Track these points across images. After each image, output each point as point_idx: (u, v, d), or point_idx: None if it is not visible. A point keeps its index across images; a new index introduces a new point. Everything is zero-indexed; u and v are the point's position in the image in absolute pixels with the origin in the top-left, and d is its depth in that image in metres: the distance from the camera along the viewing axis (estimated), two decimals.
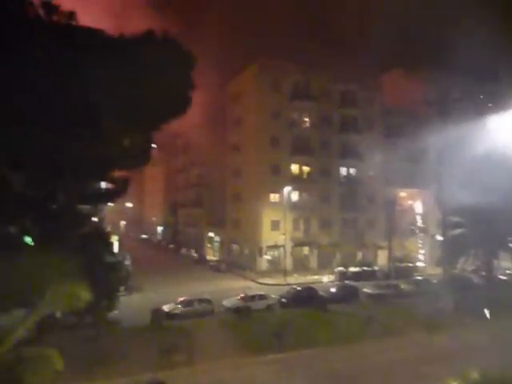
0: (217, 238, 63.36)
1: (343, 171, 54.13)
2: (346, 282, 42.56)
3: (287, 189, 48.07)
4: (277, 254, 49.83)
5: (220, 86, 59.57)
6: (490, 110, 35.56)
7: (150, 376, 19.50)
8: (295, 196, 50.67)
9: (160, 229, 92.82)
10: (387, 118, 55.05)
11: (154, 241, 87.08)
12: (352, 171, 54.33)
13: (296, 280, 43.89)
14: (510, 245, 36.68)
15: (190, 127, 58.44)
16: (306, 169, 51.99)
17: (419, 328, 26.88)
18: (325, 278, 45.69)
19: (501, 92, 35.91)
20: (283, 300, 33.93)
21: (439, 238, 44.01)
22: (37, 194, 18.03)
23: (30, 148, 16.43)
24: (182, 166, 78.50)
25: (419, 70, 55.59)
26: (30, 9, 16.38)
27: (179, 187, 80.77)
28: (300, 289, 35.67)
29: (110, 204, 33.43)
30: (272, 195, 49.73)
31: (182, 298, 31.53)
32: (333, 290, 36.92)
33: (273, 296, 33.98)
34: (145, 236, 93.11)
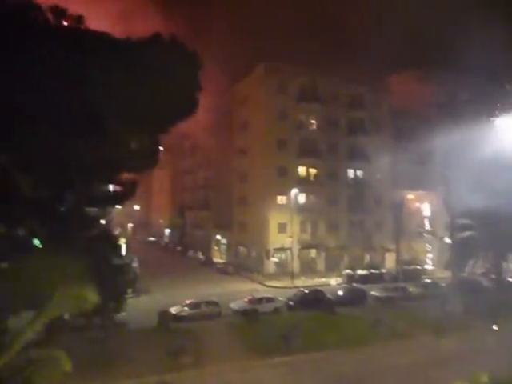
0: (224, 241, 63.37)
1: (351, 173, 53.92)
2: (354, 284, 42.44)
3: (294, 191, 47.97)
4: (284, 257, 49.70)
5: (227, 88, 59.79)
6: (499, 111, 35.27)
7: (157, 378, 19.55)
8: (302, 198, 50.55)
9: (167, 231, 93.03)
10: (395, 120, 54.76)
11: (162, 243, 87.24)
12: (359, 173, 54.12)
13: (303, 283, 43.75)
14: None
15: (197, 130, 58.73)
16: (313, 171, 51.85)
17: (427, 331, 26.67)
18: (332, 281, 45.53)
19: (510, 93, 35.63)
20: (290, 303, 33.87)
21: (447, 240, 43.71)
22: (45, 196, 18.14)
23: (38, 150, 16.56)
24: (190, 169, 78.70)
25: (427, 71, 55.36)
26: (39, 13, 16.54)
27: (186, 190, 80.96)
28: (307, 291, 35.59)
29: (117, 206, 33.63)
30: (279, 197, 49.64)
31: (189, 301, 31.59)
32: (340, 292, 36.77)
33: (280, 299, 33.93)
34: (152, 238, 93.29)
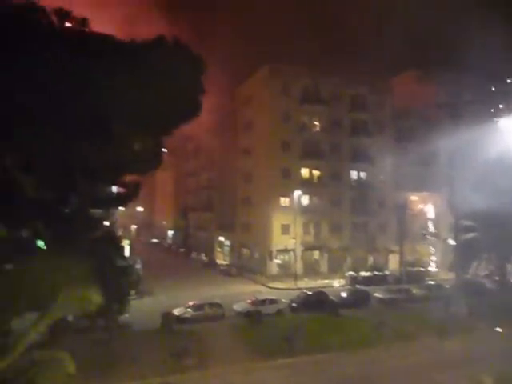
0: (227, 242, 63.36)
1: (354, 175, 53.77)
2: (357, 286, 42.32)
3: (297, 193, 47.94)
4: (287, 258, 49.66)
5: (230, 90, 59.88)
6: (502, 111, 35.20)
7: (161, 380, 19.57)
8: (305, 200, 50.46)
9: (170, 233, 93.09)
10: (398, 121, 54.63)
11: (165, 245, 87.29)
12: (362, 175, 53.97)
13: (306, 284, 43.66)
14: None
15: (200, 131, 58.82)
16: (316, 173, 51.80)
17: (431, 333, 26.58)
18: (335, 283, 45.44)
19: None
20: (293, 304, 33.82)
21: (451, 242, 43.60)
22: (49, 197, 18.18)
23: (42, 152, 16.63)
24: (193, 170, 78.76)
25: (430, 72, 55.30)
26: (43, 15, 16.61)
27: (190, 191, 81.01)
28: (310, 293, 35.52)
29: (121, 208, 33.68)
30: (282, 199, 49.63)
31: (193, 302, 31.58)
32: (344, 294, 36.67)
33: (283, 300, 33.85)
34: (155, 240, 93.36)
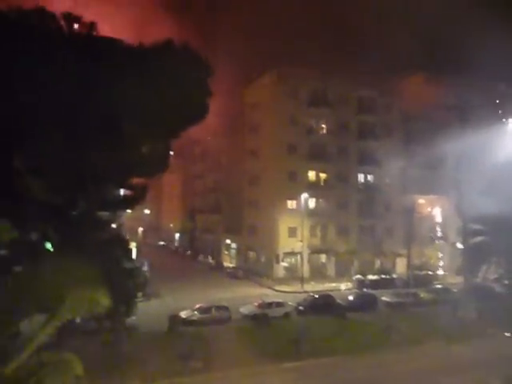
0: (234, 245, 63.35)
1: (361, 178, 53.67)
2: (364, 289, 42.14)
3: (304, 195, 47.84)
4: (294, 261, 49.59)
5: (238, 92, 59.89)
6: (511, 115, 34.94)
7: (168, 382, 19.61)
8: (312, 203, 50.40)
9: (177, 235, 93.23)
10: (406, 124, 54.41)
11: (172, 247, 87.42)
12: (370, 178, 53.83)
13: (313, 287, 43.51)
14: None
15: (207, 134, 58.94)
16: (323, 175, 51.71)
17: (440, 337, 26.39)
18: (342, 286, 45.24)
19: None
20: (300, 308, 33.72)
21: (459, 245, 43.25)
22: (58, 201, 18.34)
23: (51, 155, 16.78)
24: (200, 173, 78.87)
25: (439, 75, 55.01)
26: (52, 21, 16.81)
27: (197, 194, 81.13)
28: (317, 296, 35.44)
29: (128, 211, 33.82)
30: (289, 202, 49.57)
31: (199, 305, 31.64)
32: (351, 298, 36.54)
33: (290, 303, 33.83)
34: (162, 242, 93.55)
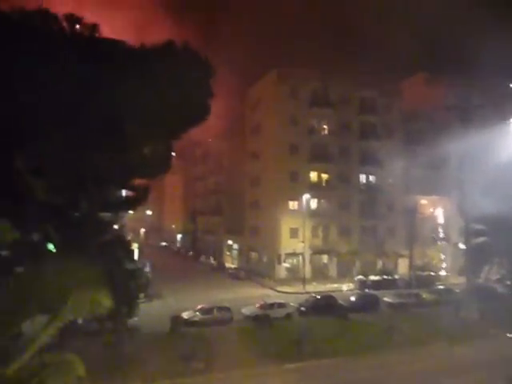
0: (235, 246, 63.38)
1: (363, 178, 53.59)
2: (366, 290, 42.10)
3: (306, 196, 47.82)
4: (295, 262, 49.56)
5: (239, 94, 59.98)
6: None
7: (169, 383, 19.60)
8: (314, 203, 50.38)
9: (179, 236, 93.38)
10: (407, 124, 54.34)
11: (174, 248, 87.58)
12: (371, 178, 53.75)
13: (315, 288, 43.43)
14: None
15: (209, 135, 58.99)
16: (324, 176, 51.66)
17: (442, 338, 26.31)
18: (344, 287, 45.17)
19: None
20: (302, 308, 33.69)
21: (462, 246, 43.17)
22: (59, 201, 18.38)
23: (53, 156, 16.81)
24: (201, 174, 78.99)
25: (440, 75, 54.97)
26: (55, 22, 16.86)
27: (198, 195, 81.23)
28: (319, 297, 35.36)
29: (130, 212, 33.89)
30: (291, 203, 49.57)
31: (201, 306, 31.62)
32: (352, 298, 36.48)
33: (292, 304, 33.78)
34: (164, 243, 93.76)
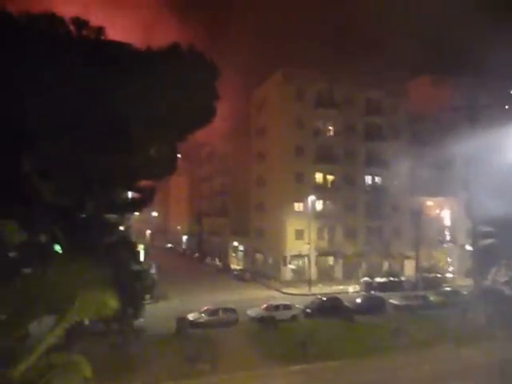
0: (241, 247, 63.40)
1: (368, 180, 53.42)
2: (372, 292, 41.93)
3: (311, 198, 47.72)
4: (301, 264, 49.46)
5: (244, 95, 60.07)
6: None
7: None
8: (319, 205, 50.29)
9: (185, 238, 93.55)
10: (413, 125, 54.11)
11: (179, 250, 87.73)
12: (377, 179, 53.57)
13: (321, 290, 43.31)
14: None
15: (214, 136, 59.05)
16: (330, 177, 51.56)
17: (449, 340, 26.15)
18: (350, 289, 45.00)
19: None
20: (308, 310, 33.62)
21: (468, 247, 42.90)
22: (66, 203, 18.48)
23: (60, 158, 16.91)
24: (207, 176, 79.13)
25: (446, 76, 54.72)
26: (61, 25, 16.97)
27: (204, 197, 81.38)
28: (325, 299, 35.25)
29: (136, 213, 34.01)
30: (296, 204, 49.51)
31: (207, 307, 31.65)
32: (358, 300, 36.34)
33: (297, 306, 33.71)
34: (170, 245, 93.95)
